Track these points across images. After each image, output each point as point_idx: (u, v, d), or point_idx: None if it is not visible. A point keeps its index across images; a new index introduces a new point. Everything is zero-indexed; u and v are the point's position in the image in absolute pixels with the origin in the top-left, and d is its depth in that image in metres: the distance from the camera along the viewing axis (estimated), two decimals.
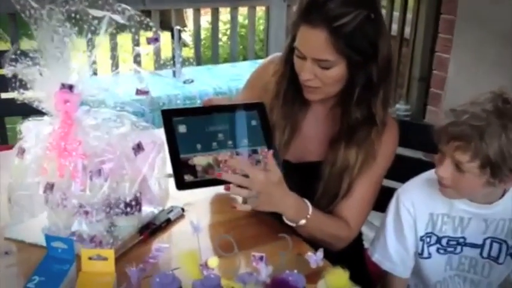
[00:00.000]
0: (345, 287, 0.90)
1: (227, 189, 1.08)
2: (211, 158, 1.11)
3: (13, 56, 1.07)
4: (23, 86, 1.08)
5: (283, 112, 1.30)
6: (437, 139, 1.13)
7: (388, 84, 1.23)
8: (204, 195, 1.34)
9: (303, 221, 1.16)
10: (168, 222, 1.23)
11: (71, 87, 1.06)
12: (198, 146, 1.11)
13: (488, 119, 1.05)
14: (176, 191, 1.09)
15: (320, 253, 0.92)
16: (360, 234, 1.43)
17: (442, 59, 3.21)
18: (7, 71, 1.07)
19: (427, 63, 3.41)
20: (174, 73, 3.11)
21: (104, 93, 1.13)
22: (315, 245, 1.17)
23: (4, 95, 2.14)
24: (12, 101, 1.12)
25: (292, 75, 1.26)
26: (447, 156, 1.11)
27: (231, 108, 1.18)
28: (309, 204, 1.18)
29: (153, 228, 1.18)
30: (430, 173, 1.23)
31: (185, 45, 4.77)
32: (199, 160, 1.10)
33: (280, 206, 1.14)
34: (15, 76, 1.07)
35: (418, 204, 1.23)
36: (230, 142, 1.14)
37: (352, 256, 1.33)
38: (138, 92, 1.15)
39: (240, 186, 1.07)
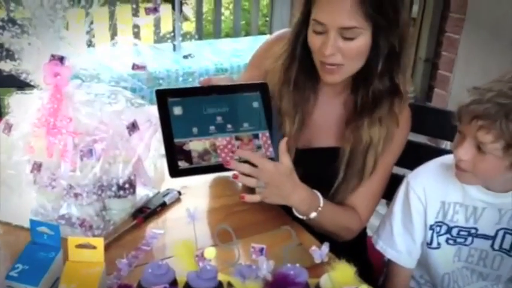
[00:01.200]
0: (350, 284, 0.84)
1: (235, 177, 1.03)
2: (208, 143, 1.05)
3: None
4: (10, 56, 1.02)
5: (294, 99, 1.23)
6: (457, 118, 1.07)
7: (407, 54, 1.19)
8: (202, 178, 1.27)
9: (313, 214, 1.13)
10: (163, 206, 1.17)
11: (61, 59, 1.01)
12: (195, 130, 1.05)
13: None
14: None
15: (325, 247, 0.87)
16: None
17: (451, 40, 3.12)
18: None
19: (434, 43, 3.32)
20: (174, 47, 3.04)
21: (98, 67, 1.07)
22: (318, 234, 1.13)
23: None
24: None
25: (302, 58, 1.20)
26: (468, 137, 1.05)
27: (231, 89, 1.12)
28: (320, 196, 1.14)
29: (147, 213, 1.13)
30: (444, 158, 1.18)
31: (186, 19, 4.68)
32: (195, 145, 1.04)
33: (289, 198, 1.09)
34: (1, 45, 1.01)
35: (429, 191, 1.18)
36: (229, 126, 1.08)
37: (354, 245, 1.30)
38: (135, 66, 1.09)
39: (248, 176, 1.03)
